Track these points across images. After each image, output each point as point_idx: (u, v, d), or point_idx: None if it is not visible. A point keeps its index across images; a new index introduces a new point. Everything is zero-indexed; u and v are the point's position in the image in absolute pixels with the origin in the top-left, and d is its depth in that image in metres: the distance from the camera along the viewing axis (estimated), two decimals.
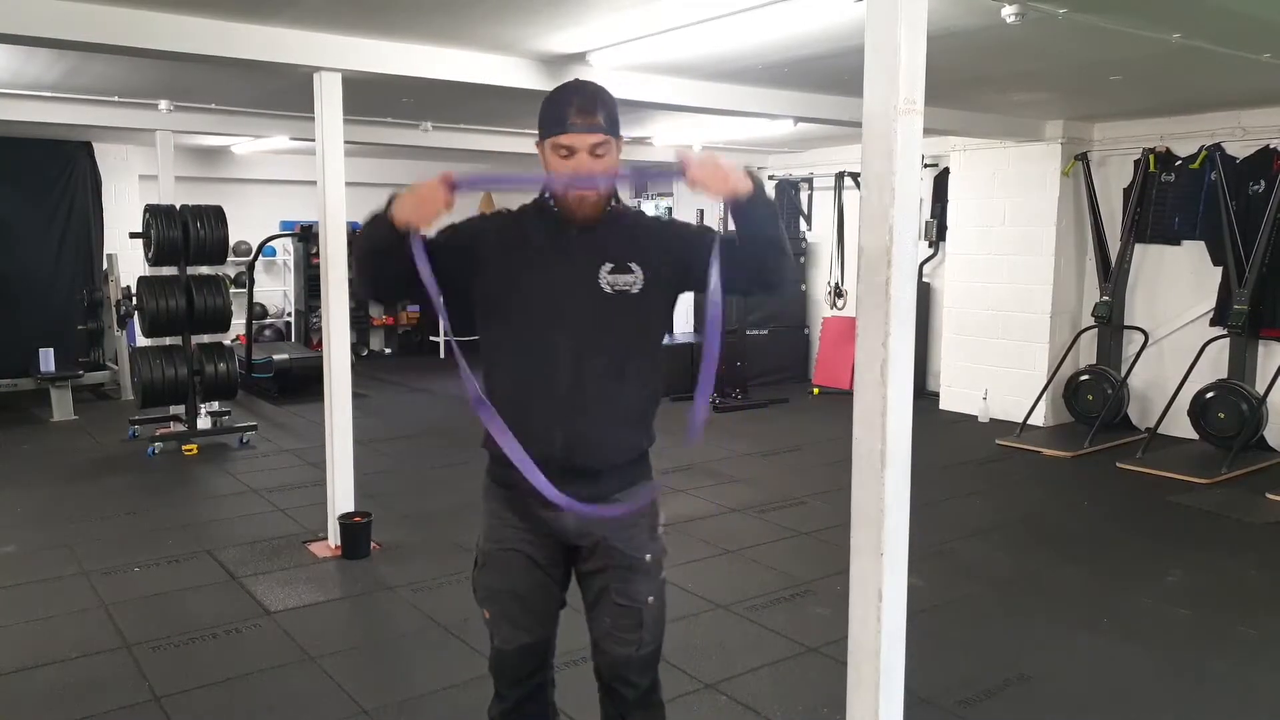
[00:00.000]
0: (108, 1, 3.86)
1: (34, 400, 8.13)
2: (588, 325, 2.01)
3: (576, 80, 2.08)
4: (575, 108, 1.97)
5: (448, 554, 4.59)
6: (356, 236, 2.09)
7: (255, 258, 9.32)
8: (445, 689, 3.27)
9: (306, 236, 10.17)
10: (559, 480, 1.92)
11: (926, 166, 8.39)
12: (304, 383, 8.62)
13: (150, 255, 6.69)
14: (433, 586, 4.19)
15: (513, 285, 2.04)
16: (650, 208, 12.35)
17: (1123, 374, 7.19)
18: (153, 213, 6.61)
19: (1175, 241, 7.11)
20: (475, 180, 1.99)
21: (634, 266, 2.02)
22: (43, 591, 4.14)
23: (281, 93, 6.14)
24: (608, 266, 2.02)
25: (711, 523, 5.14)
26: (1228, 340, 6.65)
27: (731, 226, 2.01)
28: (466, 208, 2.14)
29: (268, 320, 11.31)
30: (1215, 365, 6.66)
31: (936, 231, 8.62)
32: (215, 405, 7.17)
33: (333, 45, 4.43)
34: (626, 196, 2.49)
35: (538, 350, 2.02)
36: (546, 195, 2.05)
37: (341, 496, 4.68)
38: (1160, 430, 6.72)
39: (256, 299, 9.93)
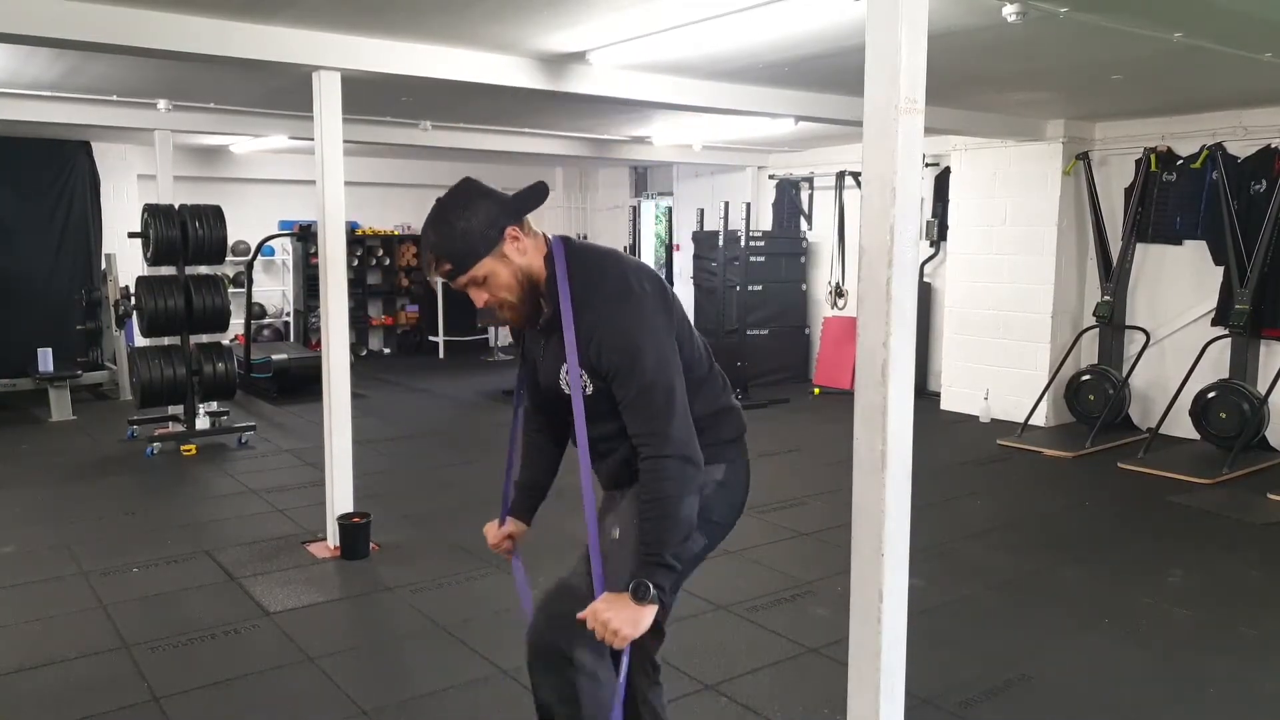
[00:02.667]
0: (108, 1, 3.86)
1: (32, 400, 8.13)
2: (560, 414, 2.09)
3: (426, 222, 1.95)
4: (426, 261, 1.95)
5: (448, 554, 4.58)
6: None
7: (254, 257, 9.32)
8: (445, 689, 3.26)
9: (305, 236, 10.18)
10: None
11: (927, 166, 8.39)
12: (303, 383, 8.63)
13: (149, 255, 6.69)
14: (432, 587, 4.19)
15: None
16: (650, 207, 12.38)
17: (1124, 374, 7.19)
18: (151, 212, 6.60)
19: (1177, 241, 7.10)
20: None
21: (570, 371, 1.96)
22: (42, 591, 4.14)
23: (281, 92, 6.14)
24: (562, 370, 1.99)
25: None
26: (1229, 340, 6.64)
27: None
28: None
29: (266, 320, 11.30)
30: (1216, 365, 6.66)
31: (937, 231, 8.62)
32: (214, 405, 7.16)
33: (332, 45, 4.42)
34: (628, 196, 2.46)
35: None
36: None
37: (341, 497, 4.67)
38: (1161, 430, 6.71)
39: (255, 299, 9.93)
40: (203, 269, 6.92)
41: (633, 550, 1.94)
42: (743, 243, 8.84)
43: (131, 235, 7.06)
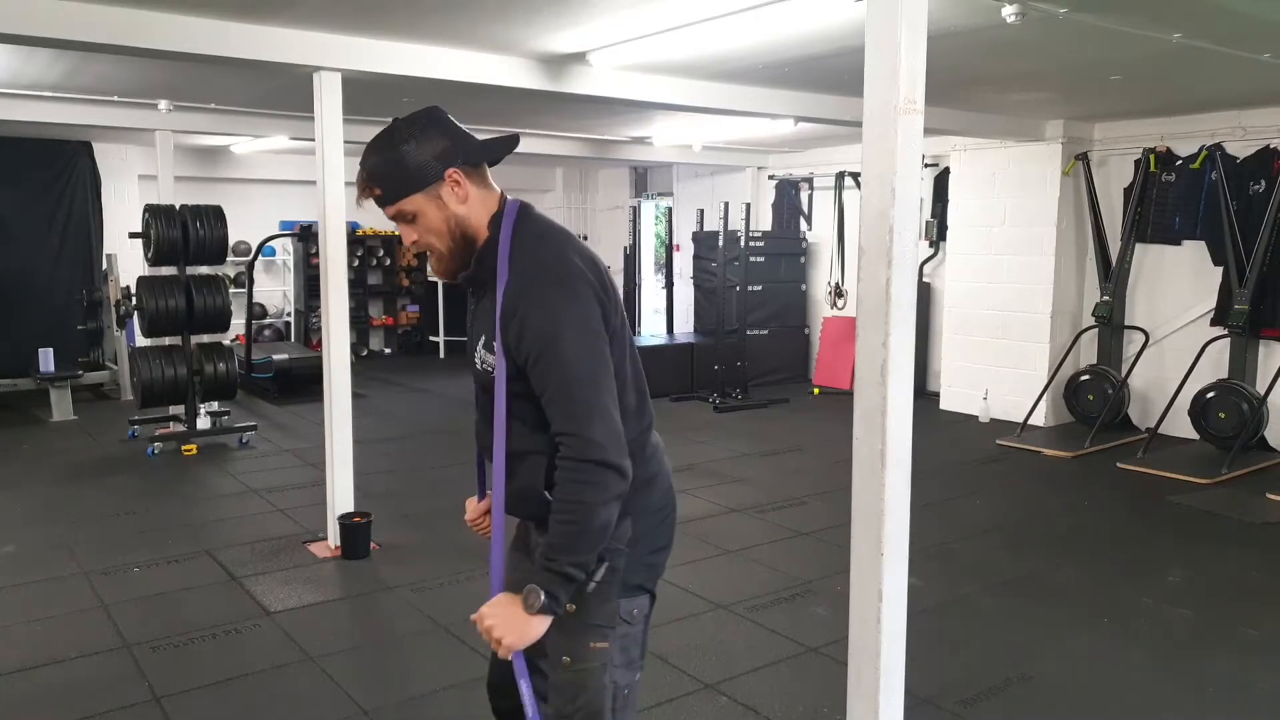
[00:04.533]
0: (108, 1, 3.86)
1: (34, 400, 8.13)
2: (478, 395, 1.90)
3: (371, 139, 1.79)
4: (358, 181, 1.79)
5: (448, 554, 4.58)
6: None
7: (255, 257, 9.32)
8: (445, 689, 3.27)
9: (306, 236, 10.18)
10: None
11: (927, 166, 8.39)
12: (303, 383, 8.63)
13: (150, 255, 6.69)
14: (433, 586, 4.19)
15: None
16: (650, 207, 12.38)
17: (1123, 374, 7.19)
18: (152, 212, 6.61)
19: (1176, 241, 7.11)
20: None
21: (496, 345, 1.75)
22: (43, 591, 4.14)
23: (281, 92, 6.14)
24: (482, 338, 1.82)
25: (711, 523, 5.13)
26: (1228, 340, 6.65)
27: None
28: None
29: (267, 320, 11.30)
30: (1216, 365, 6.66)
31: (937, 231, 8.62)
32: (215, 405, 7.17)
33: (333, 45, 4.43)
34: (628, 196, 2.40)
35: None
36: None
37: (341, 496, 4.68)
38: (1161, 430, 6.72)
39: (256, 299, 9.93)
40: (203, 269, 6.92)
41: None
42: (743, 243, 8.84)
43: (132, 235, 7.06)
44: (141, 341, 7.28)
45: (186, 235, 6.55)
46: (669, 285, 11.13)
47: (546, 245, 1.77)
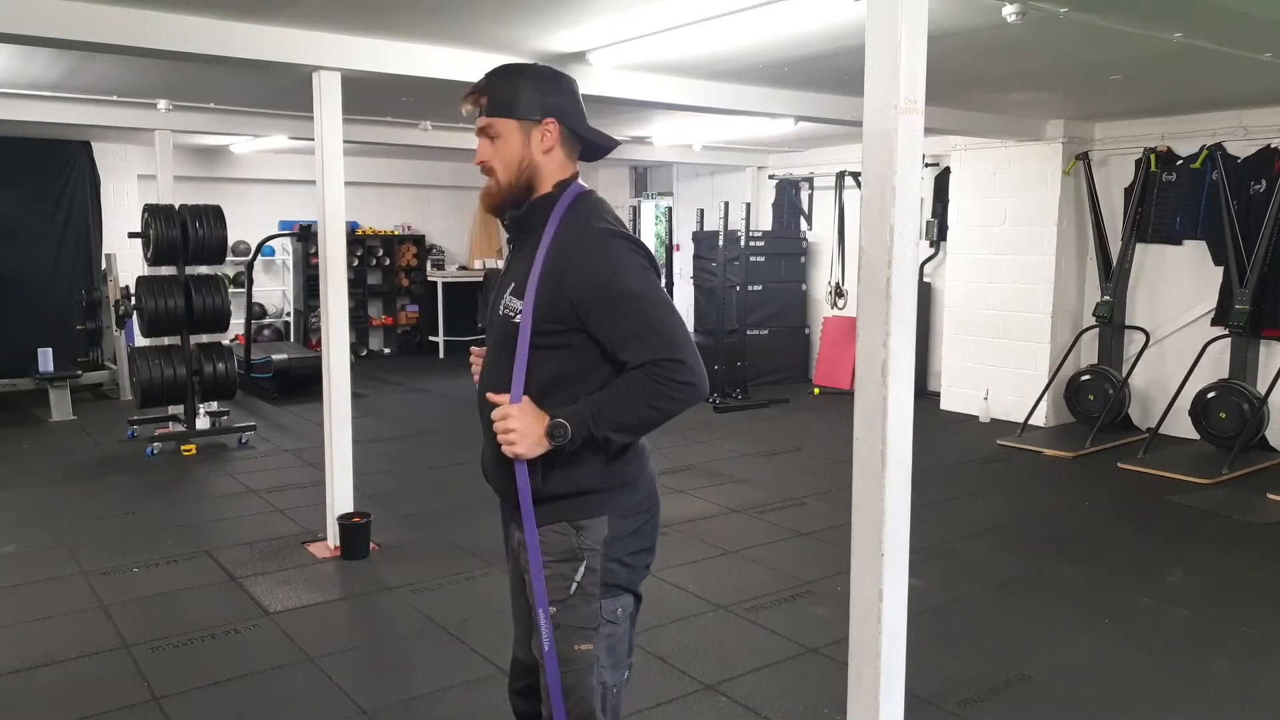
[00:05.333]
0: (108, 1, 3.86)
1: (33, 400, 8.13)
2: (492, 350, 1.94)
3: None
4: (471, 87, 1.90)
5: (447, 554, 4.58)
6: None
7: (254, 257, 9.32)
8: (445, 689, 3.26)
9: (305, 236, 10.18)
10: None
11: (927, 166, 8.38)
12: (303, 383, 8.63)
13: (149, 255, 6.69)
14: (432, 586, 4.19)
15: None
16: (650, 207, 12.38)
17: (1124, 374, 7.19)
18: (151, 212, 6.61)
19: (1176, 241, 7.11)
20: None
21: (527, 292, 1.80)
22: (42, 591, 4.14)
23: (281, 92, 6.14)
24: (511, 286, 1.87)
25: (711, 523, 5.13)
26: (1229, 340, 6.64)
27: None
28: None
29: (267, 320, 11.30)
30: (1216, 365, 6.66)
31: (937, 231, 8.62)
32: (214, 405, 7.17)
33: (333, 45, 4.42)
34: (628, 196, 2.40)
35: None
36: None
37: (341, 497, 4.68)
38: (1161, 430, 6.71)
39: (255, 299, 9.93)
40: (203, 269, 6.92)
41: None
42: (743, 243, 8.84)
43: (132, 235, 7.07)
44: (141, 341, 7.28)
45: (186, 235, 6.55)
46: (669, 285, 11.13)
47: (601, 218, 1.84)
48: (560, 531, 1.84)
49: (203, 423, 6.90)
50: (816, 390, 9.25)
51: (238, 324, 9.14)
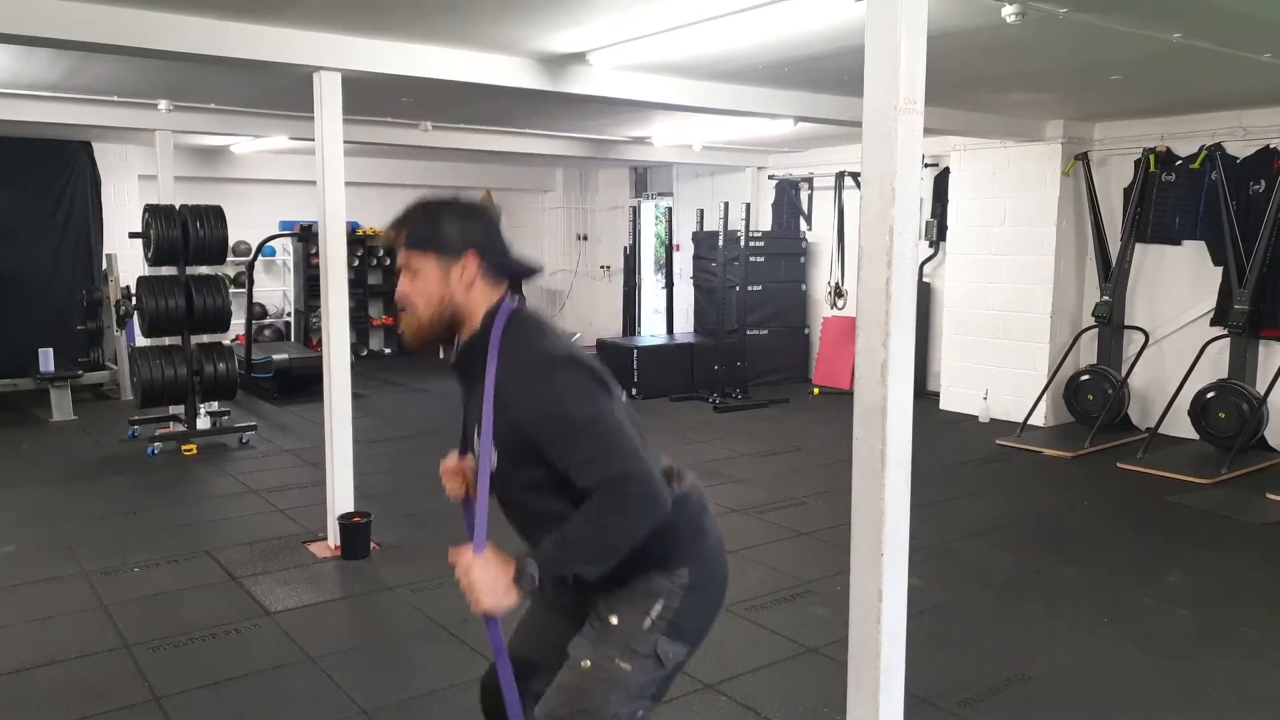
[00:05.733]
0: (108, 1, 3.86)
1: (33, 400, 8.13)
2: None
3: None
4: (392, 220, 1.91)
5: (447, 554, 4.57)
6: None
7: (255, 257, 9.33)
8: (445, 689, 3.26)
9: (306, 236, 10.18)
10: None
11: (927, 166, 8.39)
12: (303, 383, 8.62)
13: (150, 255, 6.69)
14: (433, 586, 4.19)
15: None
16: (650, 207, 12.37)
17: (1123, 374, 7.19)
18: (152, 212, 6.61)
19: (1176, 241, 7.11)
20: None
21: (483, 440, 1.79)
22: (43, 591, 4.14)
23: (281, 92, 6.14)
24: (476, 427, 1.85)
25: None
26: (1228, 340, 6.65)
27: None
28: None
29: (267, 320, 11.30)
30: (1215, 365, 6.66)
31: (937, 231, 8.62)
32: (215, 405, 7.17)
33: (333, 45, 4.42)
34: (628, 196, 2.40)
35: None
36: None
37: (341, 496, 4.68)
38: (1161, 430, 6.71)
39: (256, 299, 9.93)
40: (203, 269, 6.92)
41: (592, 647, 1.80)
42: (742, 243, 8.84)
43: (132, 235, 7.07)
44: (141, 341, 7.28)
45: (186, 235, 6.56)
46: (669, 285, 11.13)
47: (540, 335, 1.81)
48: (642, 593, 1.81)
49: (203, 423, 6.90)
50: (816, 390, 9.25)
51: (238, 324, 9.13)
